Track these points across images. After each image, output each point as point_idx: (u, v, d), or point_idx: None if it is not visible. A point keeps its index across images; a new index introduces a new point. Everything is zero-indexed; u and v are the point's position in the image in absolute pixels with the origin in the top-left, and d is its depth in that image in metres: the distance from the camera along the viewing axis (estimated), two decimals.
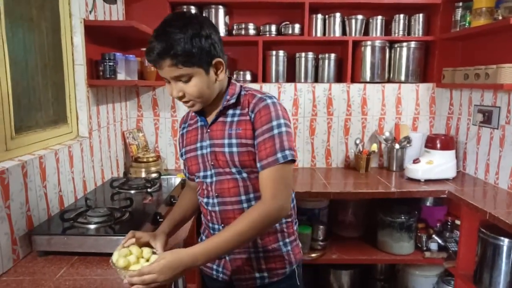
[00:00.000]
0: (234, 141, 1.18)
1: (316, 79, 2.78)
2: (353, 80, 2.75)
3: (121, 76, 2.06)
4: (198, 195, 1.33)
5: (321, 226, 2.43)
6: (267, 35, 2.66)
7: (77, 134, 1.90)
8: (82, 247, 1.33)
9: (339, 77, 2.81)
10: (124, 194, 1.82)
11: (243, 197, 1.22)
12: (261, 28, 2.69)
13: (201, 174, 1.27)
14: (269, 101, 1.17)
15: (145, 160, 2.41)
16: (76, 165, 1.76)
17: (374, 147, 2.70)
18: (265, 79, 2.75)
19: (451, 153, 2.46)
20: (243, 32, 2.63)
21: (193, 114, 1.31)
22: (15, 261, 1.30)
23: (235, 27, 2.66)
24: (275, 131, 1.13)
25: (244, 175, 1.21)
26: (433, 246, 2.41)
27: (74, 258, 1.34)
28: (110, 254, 1.22)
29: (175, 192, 1.95)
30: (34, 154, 1.46)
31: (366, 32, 2.73)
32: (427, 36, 2.72)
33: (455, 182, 2.39)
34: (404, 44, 2.69)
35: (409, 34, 2.74)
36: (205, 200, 1.28)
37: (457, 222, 2.34)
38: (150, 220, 1.51)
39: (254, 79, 2.73)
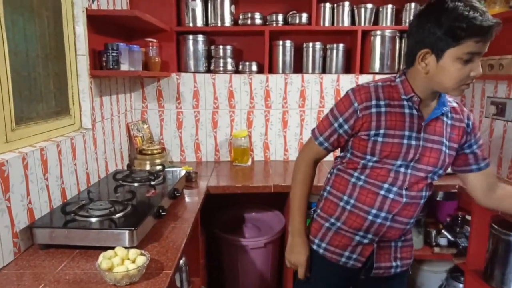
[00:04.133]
0: (450, 143, 1.23)
1: (324, 70, 2.72)
2: (362, 71, 2.69)
3: (124, 66, 2.03)
4: (375, 179, 1.22)
5: None
6: (274, 25, 2.60)
7: (80, 126, 1.87)
8: (83, 241, 1.31)
9: (348, 68, 2.75)
10: (127, 187, 1.80)
11: (424, 193, 1.24)
12: (268, 18, 2.63)
13: (398, 162, 1.19)
14: None
15: (149, 152, 2.38)
16: (79, 157, 1.74)
17: None
18: (272, 70, 2.70)
19: None
20: (249, 21, 2.57)
21: (399, 94, 1.19)
22: (16, 254, 1.29)
23: (241, 16, 2.60)
24: None
25: (436, 177, 1.23)
26: (443, 241, 2.36)
27: (75, 251, 1.32)
28: (112, 248, 1.21)
29: (179, 185, 1.92)
30: (35, 146, 1.44)
31: (376, 21, 2.66)
32: None
33: None
34: None
35: None
36: (387, 186, 1.21)
37: (468, 217, 2.28)
38: (152, 213, 1.48)
39: (260, 70, 2.68)
